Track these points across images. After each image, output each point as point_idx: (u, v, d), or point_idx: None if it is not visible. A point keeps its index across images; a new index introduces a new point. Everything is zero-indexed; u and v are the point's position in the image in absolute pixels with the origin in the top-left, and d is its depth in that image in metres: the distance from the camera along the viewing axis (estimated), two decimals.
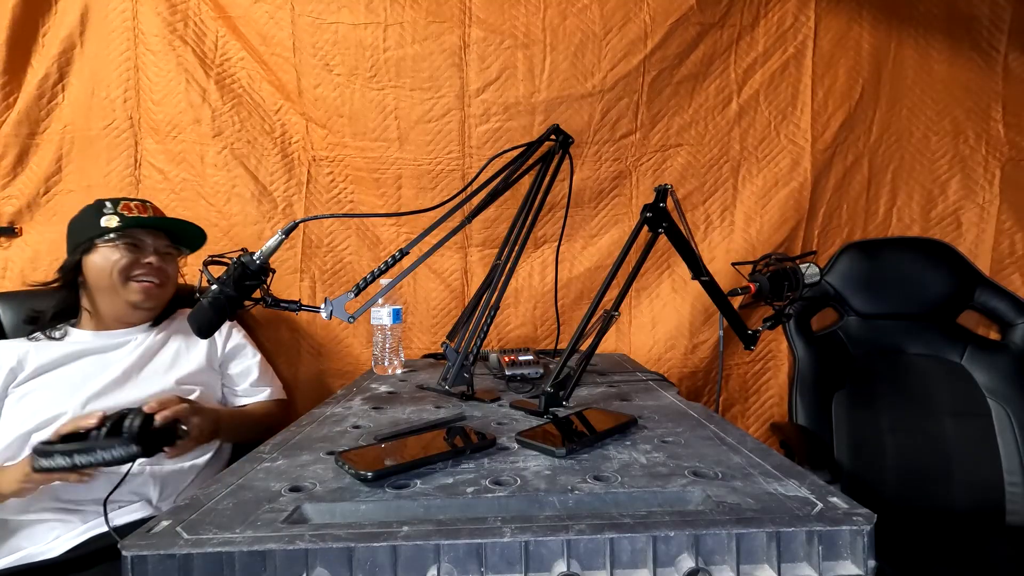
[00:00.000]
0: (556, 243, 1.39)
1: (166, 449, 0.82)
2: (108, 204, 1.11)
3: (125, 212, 1.10)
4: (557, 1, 1.45)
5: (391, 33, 1.45)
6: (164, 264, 1.13)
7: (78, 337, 1.10)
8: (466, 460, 0.62)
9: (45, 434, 0.95)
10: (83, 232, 1.09)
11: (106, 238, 1.07)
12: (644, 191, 1.51)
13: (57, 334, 1.09)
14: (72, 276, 1.10)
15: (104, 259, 1.07)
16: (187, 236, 1.21)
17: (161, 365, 1.11)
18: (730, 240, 1.52)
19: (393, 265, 0.85)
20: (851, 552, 0.44)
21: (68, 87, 1.43)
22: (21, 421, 0.98)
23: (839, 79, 1.50)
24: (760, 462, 0.59)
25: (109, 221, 1.07)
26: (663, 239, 0.92)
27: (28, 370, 1.03)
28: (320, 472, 0.59)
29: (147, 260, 1.10)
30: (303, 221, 0.82)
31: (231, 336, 1.23)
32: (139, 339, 1.12)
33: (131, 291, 1.08)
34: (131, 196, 1.23)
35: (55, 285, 1.12)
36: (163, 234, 1.15)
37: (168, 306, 1.18)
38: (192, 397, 1.08)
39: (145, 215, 1.12)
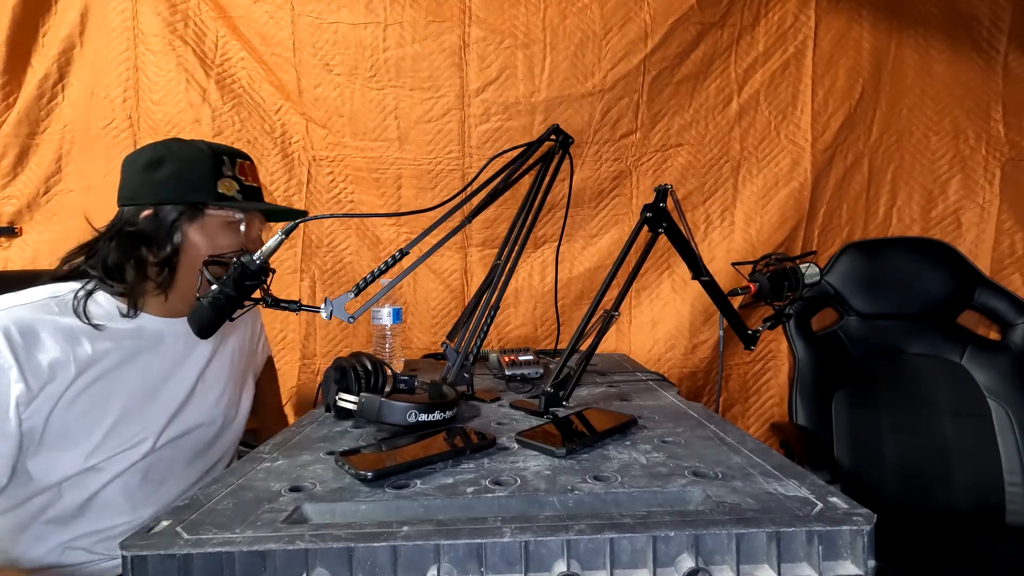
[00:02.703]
0: (556, 243, 1.39)
1: None
2: (226, 160, 0.82)
3: (243, 179, 0.84)
4: (557, 1, 1.45)
5: (391, 33, 1.45)
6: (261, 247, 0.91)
7: (143, 323, 0.82)
8: (466, 460, 0.61)
9: (121, 464, 0.78)
10: (191, 189, 0.80)
11: (225, 213, 0.82)
12: (644, 191, 1.51)
13: (131, 313, 0.80)
14: (158, 247, 0.79)
15: (212, 240, 0.82)
16: (278, 214, 0.96)
17: (226, 359, 0.94)
18: (730, 240, 1.52)
19: (393, 265, 0.85)
20: (851, 552, 0.44)
21: (68, 87, 1.43)
22: (87, 449, 0.75)
23: (839, 79, 1.50)
24: (760, 462, 0.59)
25: (228, 187, 0.82)
26: (663, 239, 0.92)
27: (91, 371, 0.75)
28: (320, 472, 0.59)
29: (253, 247, 0.86)
30: (303, 221, 0.82)
31: (260, 328, 1.11)
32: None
33: None
34: (237, 149, 0.89)
35: (102, 242, 0.80)
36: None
37: None
38: (243, 408, 0.98)
39: (256, 184, 0.88)
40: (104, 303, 0.80)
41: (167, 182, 0.80)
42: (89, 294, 0.78)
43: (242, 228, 0.84)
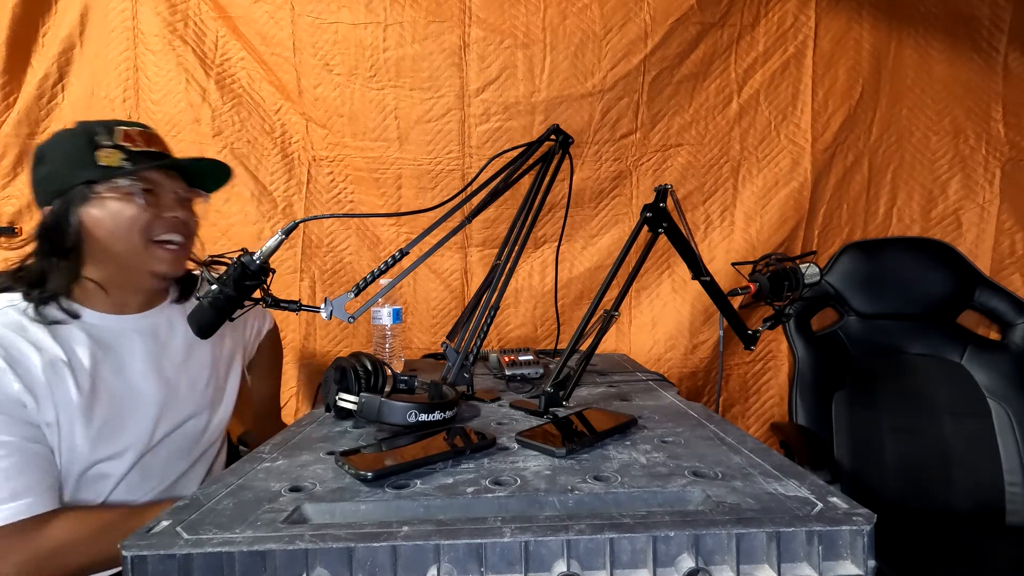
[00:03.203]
0: (556, 243, 1.39)
1: None
2: (101, 130, 0.80)
3: (128, 145, 0.80)
4: (557, 1, 1.45)
5: (391, 33, 1.45)
6: (187, 216, 0.86)
7: (97, 321, 0.81)
8: (466, 460, 0.61)
9: (121, 465, 0.78)
10: (71, 172, 0.77)
11: (113, 184, 0.77)
12: (644, 191, 1.51)
13: (61, 316, 0.77)
14: (61, 239, 0.77)
15: (113, 216, 0.78)
16: (204, 175, 0.90)
17: (205, 357, 0.93)
18: (730, 240, 1.52)
19: (393, 265, 0.85)
20: (851, 552, 0.44)
21: (68, 87, 1.43)
22: (81, 455, 0.75)
23: (839, 79, 1.51)
24: (760, 462, 0.59)
25: (110, 158, 0.78)
26: (663, 239, 0.92)
27: (62, 376, 0.75)
28: (320, 472, 0.59)
29: (171, 215, 0.82)
30: (303, 221, 0.82)
31: (257, 316, 1.10)
32: (171, 324, 0.89)
33: (156, 259, 0.81)
34: (125, 120, 0.87)
35: (30, 254, 0.80)
36: (176, 173, 0.86)
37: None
38: (230, 391, 0.98)
39: (153, 148, 0.83)
40: (63, 305, 0.79)
41: (51, 175, 0.79)
42: (43, 299, 0.77)
43: (138, 199, 0.78)
